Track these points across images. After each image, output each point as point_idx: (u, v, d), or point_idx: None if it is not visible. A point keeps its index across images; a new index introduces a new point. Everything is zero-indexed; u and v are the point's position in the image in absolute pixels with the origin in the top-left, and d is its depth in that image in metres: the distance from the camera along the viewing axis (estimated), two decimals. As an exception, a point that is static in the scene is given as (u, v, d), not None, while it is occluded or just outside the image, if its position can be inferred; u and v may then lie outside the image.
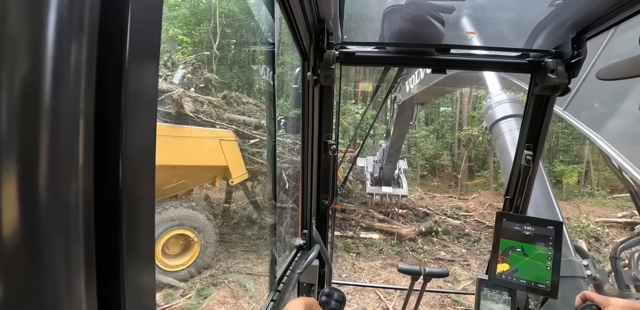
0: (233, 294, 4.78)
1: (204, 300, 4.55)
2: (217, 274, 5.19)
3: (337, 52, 1.37)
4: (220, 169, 5.26)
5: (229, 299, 4.64)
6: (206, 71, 8.08)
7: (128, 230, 0.28)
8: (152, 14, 0.29)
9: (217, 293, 4.73)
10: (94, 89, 0.24)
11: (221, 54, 13.39)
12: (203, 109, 5.94)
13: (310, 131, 1.51)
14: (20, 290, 0.21)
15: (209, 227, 5.12)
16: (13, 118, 0.20)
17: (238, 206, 7.51)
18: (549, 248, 1.37)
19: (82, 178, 0.24)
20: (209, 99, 6.38)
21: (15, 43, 0.20)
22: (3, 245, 0.20)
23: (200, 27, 12.37)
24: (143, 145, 0.30)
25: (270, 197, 1.39)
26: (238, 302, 4.62)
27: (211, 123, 5.65)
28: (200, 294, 4.63)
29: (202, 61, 10.53)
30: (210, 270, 5.19)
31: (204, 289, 4.77)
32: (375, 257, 6.62)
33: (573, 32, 1.21)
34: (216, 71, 12.04)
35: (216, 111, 6.15)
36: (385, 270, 6.08)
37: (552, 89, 1.33)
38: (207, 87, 7.47)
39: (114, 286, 0.28)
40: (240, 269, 5.48)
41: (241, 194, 7.10)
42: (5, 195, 0.20)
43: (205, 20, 12.71)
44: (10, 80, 0.20)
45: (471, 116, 13.69)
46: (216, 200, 7.50)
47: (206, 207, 6.86)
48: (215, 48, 12.60)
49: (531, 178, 1.57)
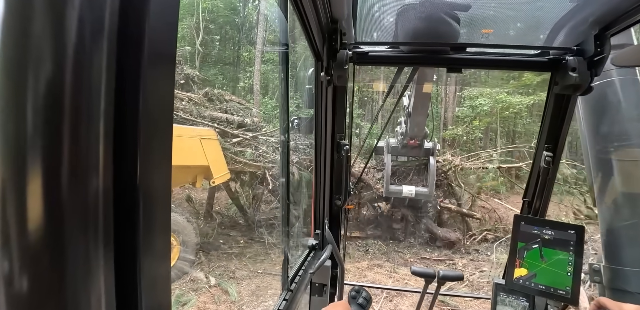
0: (214, 299, 4.61)
1: (183, 307, 4.39)
2: (199, 278, 5.04)
3: (350, 52, 1.36)
4: (201, 169, 5.02)
5: (209, 306, 4.48)
6: (187, 67, 7.98)
7: (145, 228, 0.29)
8: (169, 16, 0.30)
9: (198, 299, 4.57)
10: (113, 90, 0.25)
11: (205, 51, 13.32)
12: (182, 106, 5.76)
13: (324, 131, 1.51)
14: (44, 286, 0.22)
15: (189, 230, 4.97)
16: (38, 119, 0.21)
17: (222, 207, 7.27)
18: (570, 253, 1.32)
19: (102, 177, 0.25)
20: (189, 95, 6.26)
21: (40, 47, 0.20)
22: (28, 242, 0.21)
23: (182, 22, 12.24)
24: (160, 146, 0.31)
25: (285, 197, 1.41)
26: (219, 308, 4.47)
27: (191, 121, 5.50)
28: (179, 300, 4.46)
29: (183, 57, 10.44)
30: (191, 274, 5.04)
31: (183, 294, 4.60)
32: (362, 257, 6.46)
33: (596, 29, 1.17)
34: (199, 68, 11.93)
35: (197, 109, 5.97)
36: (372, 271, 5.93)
37: (573, 88, 1.28)
38: (188, 84, 7.35)
39: (131, 282, 0.29)
40: (222, 272, 5.32)
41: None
42: (30, 192, 0.21)
43: (187, 15, 12.54)
44: (36, 83, 0.20)
45: (456, 116, 13.46)
46: (199, 201, 7.27)
47: (188, 208, 6.65)
48: (198, 44, 12.57)
49: (551, 180, 1.52)
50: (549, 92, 1.46)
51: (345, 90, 1.57)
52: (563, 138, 1.47)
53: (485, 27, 1.33)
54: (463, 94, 13.27)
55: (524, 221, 1.43)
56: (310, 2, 1.06)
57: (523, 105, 11.42)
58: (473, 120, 12.89)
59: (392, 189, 6.19)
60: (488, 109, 11.92)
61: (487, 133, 13.66)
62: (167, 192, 0.33)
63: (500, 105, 11.69)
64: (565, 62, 1.29)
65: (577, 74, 1.23)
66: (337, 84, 1.38)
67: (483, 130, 13.12)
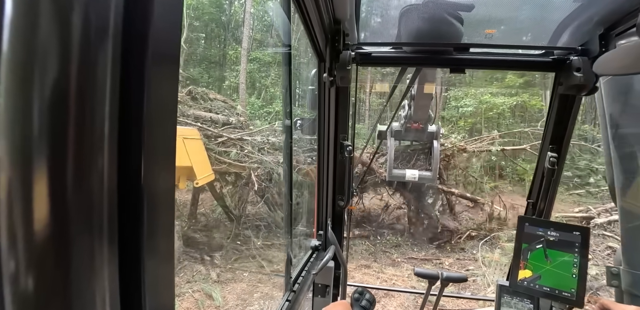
0: (198, 304, 4.51)
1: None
2: (180, 283, 4.91)
3: (353, 53, 1.36)
4: (183, 170, 4.89)
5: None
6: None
7: (149, 228, 0.29)
8: (172, 15, 0.30)
9: (180, 305, 4.47)
10: (118, 90, 0.25)
11: (189, 49, 13.25)
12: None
13: (326, 132, 1.51)
14: (49, 285, 0.22)
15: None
16: (44, 119, 0.21)
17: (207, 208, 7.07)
18: (575, 255, 1.31)
19: (107, 177, 0.25)
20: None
21: (45, 47, 0.20)
22: (34, 241, 0.21)
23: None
24: (164, 146, 0.31)
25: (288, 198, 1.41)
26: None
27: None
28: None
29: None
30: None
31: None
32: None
33: (600, 29, 1.16)
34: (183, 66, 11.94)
35: (180, 107, 5.83)
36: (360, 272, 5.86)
37: (577, 88, 1.27)
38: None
39: (135, 282, 0.29)
40: (205, 276, 5.18)
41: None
42: (36, 192, 0.21)
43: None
44: (42, 83, 0.20)
45: (441, 116, 13.44)
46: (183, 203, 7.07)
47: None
48: (182, 42, 12.63)
49: (555, 181, 1.51)
50: (554, 92, 1.45)
51: (348, 91, 1.57)
52: (568, 139, 1.46)
53: (488, 27, 1.32)
54: (449, 95, 13.27)
55: (528, 222, 1.42)
56: (313, 3, 1.06)
57: (506, 106, 11.55)
58: (458, 120, 12.92)
59: (395, 173, 5.94)
60: (472, 109, 12.00)
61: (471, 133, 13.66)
62: (171, 193, 0.33)
63: (484, 106, 11.80)
64: (570, 62, 1.28)
65: (582, 74, 1.23)
66: (340, 85, 1.38)
67: (468, 131, 13.13)
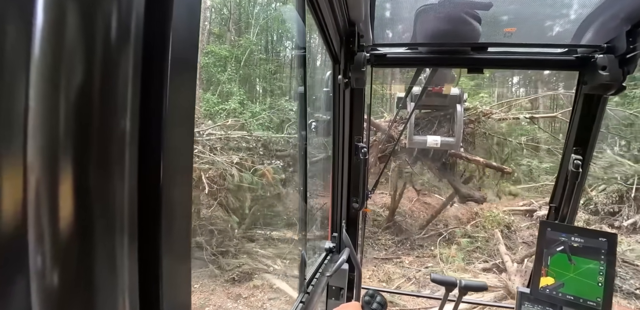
0: None
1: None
2: None
3: (368, 54, 1.36)
4: None
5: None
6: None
7: (167, 227, 0.30)
8: (191, 20, 0.31)
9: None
10: (139, 93, 0.26)
11: None
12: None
13: (341, 134, 1.50)
14: (73, 281, 0.23)
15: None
16: (70, 121, 0.22)
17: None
18: (601, 262, 1.25)
19: (128, 178, 0.26)
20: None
21: (72, 53, 0.21)
22: (60, 239, 0.22)
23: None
24: (182, 147, 0.32)
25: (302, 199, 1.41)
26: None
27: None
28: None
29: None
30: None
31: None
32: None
33: (628, 25, 1.11)
34: None
35: None
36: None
37: (603, 87, 1.22)
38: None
39: (153, 281, 0.29)
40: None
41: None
42: (62, 191, 0.22)
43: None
44: (68, 87, 0.21)
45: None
46: None
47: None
48: None
49: (579, 185, 1.45)
50: (578, 92, 1.39)
51: (363, 92, 1.56)
52: (593, 140, 1.40)
53: (507, 25, 1.29)
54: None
55: (550, 227, 1.37)
56: (327, 6, 1.07)
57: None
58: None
59: (416, 139, 5.63)
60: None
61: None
62: (188, 193, 0.33)
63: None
64: (595, 61, 1.23)
65: (608, 73, 1.17)
66: (354, 86, 1.38)
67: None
